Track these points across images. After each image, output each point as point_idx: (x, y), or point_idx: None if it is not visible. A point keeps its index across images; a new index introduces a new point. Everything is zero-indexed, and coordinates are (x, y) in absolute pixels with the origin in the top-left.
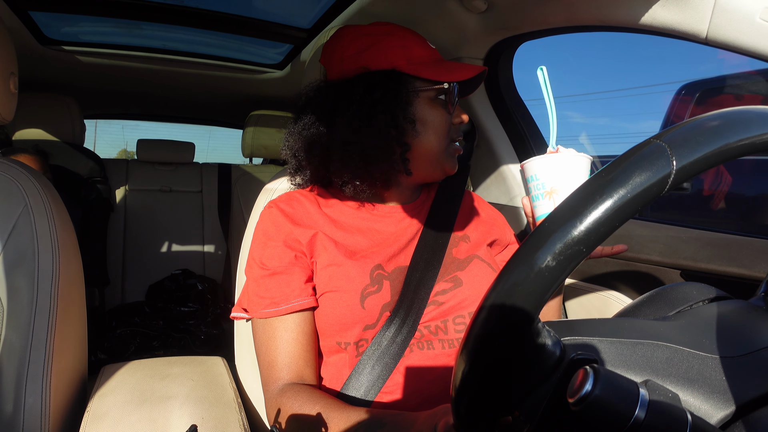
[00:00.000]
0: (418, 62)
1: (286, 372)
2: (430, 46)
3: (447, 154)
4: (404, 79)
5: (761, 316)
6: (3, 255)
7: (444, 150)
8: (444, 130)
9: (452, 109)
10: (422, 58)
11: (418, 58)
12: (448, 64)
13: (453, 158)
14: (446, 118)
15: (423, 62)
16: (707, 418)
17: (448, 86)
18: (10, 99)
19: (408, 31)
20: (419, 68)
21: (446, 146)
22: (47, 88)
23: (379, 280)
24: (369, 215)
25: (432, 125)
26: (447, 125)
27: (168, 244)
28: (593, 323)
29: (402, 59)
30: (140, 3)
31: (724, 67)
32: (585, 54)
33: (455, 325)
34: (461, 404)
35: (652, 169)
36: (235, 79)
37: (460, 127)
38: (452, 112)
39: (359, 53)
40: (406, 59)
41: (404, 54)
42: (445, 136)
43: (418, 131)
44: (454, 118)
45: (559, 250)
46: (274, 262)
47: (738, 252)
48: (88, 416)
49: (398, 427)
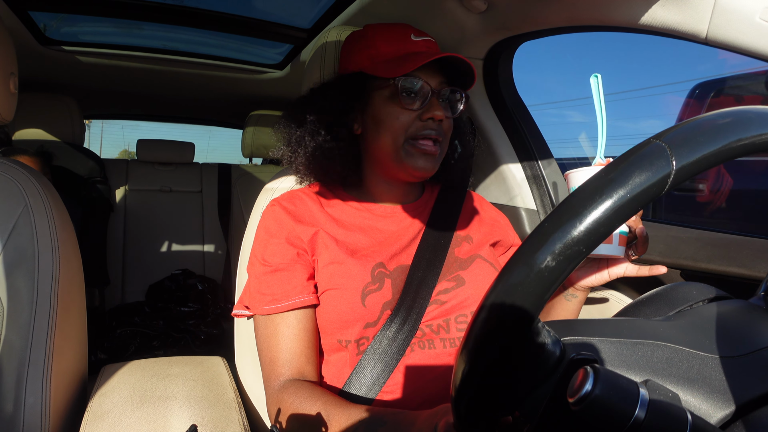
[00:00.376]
0: (380, 60)
1: (288, 368)
2: (409, 38)
3: (405, 152)
4: (365, 81)
5: (761, 316)
6: (3, 255)
7: (400, 148)
8: (398, 127)
9: (419, 104)
10: (386, 55)
11: (382, 56)
12: (407, 58)
13: (415, 157)
14: (403, 115)
15: (384, 59)
16: (707, 417)
17: (401, 81)
18: (10, 99)
19: (381, 29)
20: (377, 66)
21: (402, 144)
22: (47, 88)
23: (381, 279)
24: (370, 214)
25: (384, 123)
26: (403, 123)
27: (168, 244)
28: (593, 323)
29: (367, 60)
30: (140, 3)
31: (733, 66)
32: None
33: (457, 324)
34: (461, 404)
35: (652, 169)
36: (235, 79)
37: (436, 123)
38: (420, 108)
39: (342, 57)
40: (370, 59)
41: (369, 54)
42: (401, 134)
43: (375, 130)
44: (423, 113)
45: (558, 250)
46: (276, 258)
47: (738, 252)
48: (88, 416)
49: (399, 425)
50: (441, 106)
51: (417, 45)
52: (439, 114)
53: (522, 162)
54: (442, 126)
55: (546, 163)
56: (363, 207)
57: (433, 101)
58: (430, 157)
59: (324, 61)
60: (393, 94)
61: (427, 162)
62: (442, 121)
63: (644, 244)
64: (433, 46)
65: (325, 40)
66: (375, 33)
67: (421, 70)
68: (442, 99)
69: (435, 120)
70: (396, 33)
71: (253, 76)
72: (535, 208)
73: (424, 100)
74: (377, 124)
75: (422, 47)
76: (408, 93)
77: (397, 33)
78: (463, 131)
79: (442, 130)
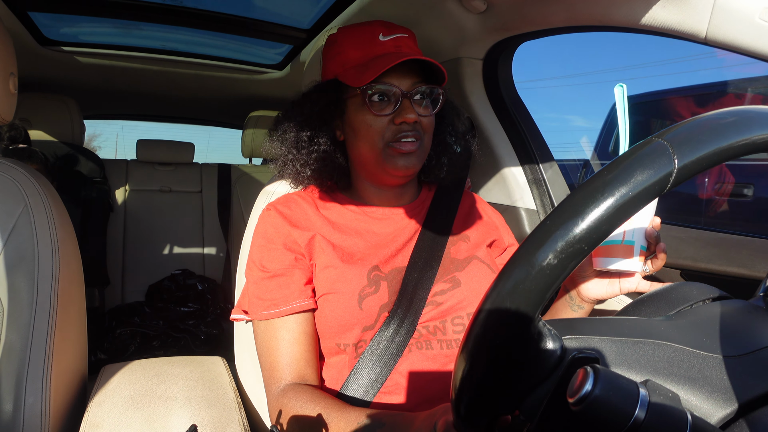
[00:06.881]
0: (350, 66)
1: (288, 372)
2: (377, 40)
3: (386, 155)
4: (339, 88)
5: (761, 316)
6: (3, 255)
7: (380, 153)
8: (373, 134)
9: (391, 108)
10: (354, 60)
11: (351, 62)
12: (371, 64)
13: (395, 158)
14: (376, 121)
15: (353, 65)
16: (708, 417)
17: (368, 88)
18: (10, 99)
19: (350, 32)
20: (347, 73)
21: (381, 150)
22: (47, 88)
23: (376, 281)
24: (366, 217)
25: (359, 131)
26: (378, 128)
27: (168, 244)
28: (594, 322)
29: (339, 67)
30: (139, 3)
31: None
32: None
33: (453, 326)
34: (461, 403)
35: (654, 168)
36: (235, 79)
37: (411, 125)
38: (392, 112)
39: (323, 63)
40: (342, 66)
41: (340, 61)
42: (378, 140)
43: (354, 138)
44: (395, 117)
45: (560, 248)
46: (274, 264)
47: (738, 252)
48: (88, 416)
49: (398, 426)
50: (414, 106)
51: (384, 46)
52: (411, 117)
53: (521, 162)
54: (420, 125)
55: (546, 164)
56: (359, 210)
57: (404, 104)
58: (410, 156)
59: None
60: (363, 102)
61: (408, 160)
62: (417, 122)
63: (662, 259)
64: (404, 42)
65: (325, 41)
66: (344, 37)
67: (389, 74)
68: (416, 99)
69: (408, 123)
70: (364, 34)
71: (253, 76)
72: (534, 208)
73: (395, 104)
74: (355, 132)
75: (390, 48)
76: (379, 99)
77: (365, 35)
78: (455, 128)
79: (419, 129)
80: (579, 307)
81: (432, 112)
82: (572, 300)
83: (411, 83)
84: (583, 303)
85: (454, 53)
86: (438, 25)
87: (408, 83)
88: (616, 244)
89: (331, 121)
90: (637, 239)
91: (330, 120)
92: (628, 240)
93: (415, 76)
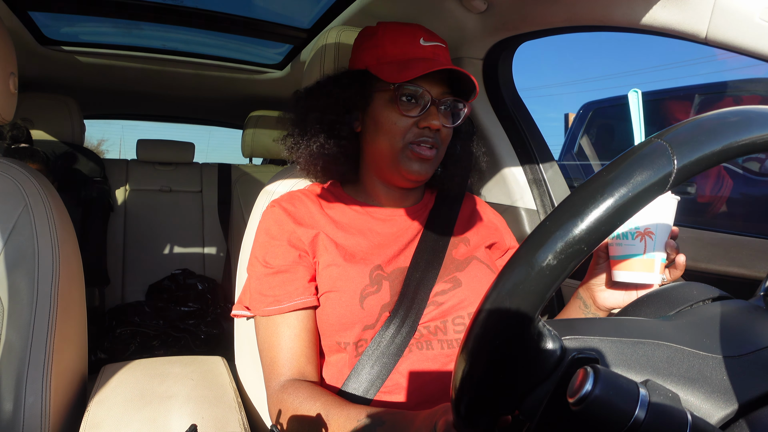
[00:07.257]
0: (385, 61)
1: (288, 369)
2: (418, 43)
3: (404, 157)
4: (369, 80)
5: (761, 316)
6: (3, 255)
7: (398, 153)
8: (395, 132)
9: (418, 111)
10: (391, 56)
11: (388, 57)
12: (410, 64)
13: (411, 161)
14: (401, 120)
15: (389, 61)
16: (708, 417)
17: (402, 87)
18: (10, 99)
19: (392, 28)
20: (382, 68)
21: (400, 149)
22: (47, 88)
23: (379, 281)
24: (370, 217)
25: (382, 127)
26: (402, 128)
27: (168, 244)
28: (594, 322)
29: (373, 59)
30: (140, 3)
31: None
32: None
33: (454, 326)
34: (461, 403)
35: (653, 168)
36: (235, 79)
37: (433, 132)
38: (418, 115)
39: (352, 52)
40: (377, 59)
41: (375, 54)
42: (399, 139)
43: (374, 131)
44: (420, 121)
45: (560, 249)
46: (277, 260)
47: (738, 252)
48: (88, 416)
49: (398, 425)
50: (439, 115)
51: (424, 50)
52: (435, 124)
53: (522, 162)
54: (440, 134)
55: (546, 164)
56: (363, 210)
57: (431, 110)
58: (425, 162)
59: (324, 62)
60: (393, 99)
61: (422, 167)
62: (439, 131)
63: (681, 269)
64: (441, 52)
65: (325, 41)
66: (385, 32)
67: (423, 78)
68: (441, 108)
69: (432, 129)
70: (405, 35)
71: (253, 76)
72: (535, 208)
73: (423, 108)
74: (376, 126)
75: (429, 53)
76: (408, 100)
77: (406, 35)
78: (465, 138)
79: (439, 138)
80: (593, 314)
81: (453, 124)
82: (587, 308)
83: (441, 92)
84: (599, 311)
85: (455, 53)
86: (438, 25)
87: (438, 91)
88: (638, 258)
89: (353, 110)
90: (658, 253)
91: (353, 109)
92: (649, 254)
93: (446, 86)
